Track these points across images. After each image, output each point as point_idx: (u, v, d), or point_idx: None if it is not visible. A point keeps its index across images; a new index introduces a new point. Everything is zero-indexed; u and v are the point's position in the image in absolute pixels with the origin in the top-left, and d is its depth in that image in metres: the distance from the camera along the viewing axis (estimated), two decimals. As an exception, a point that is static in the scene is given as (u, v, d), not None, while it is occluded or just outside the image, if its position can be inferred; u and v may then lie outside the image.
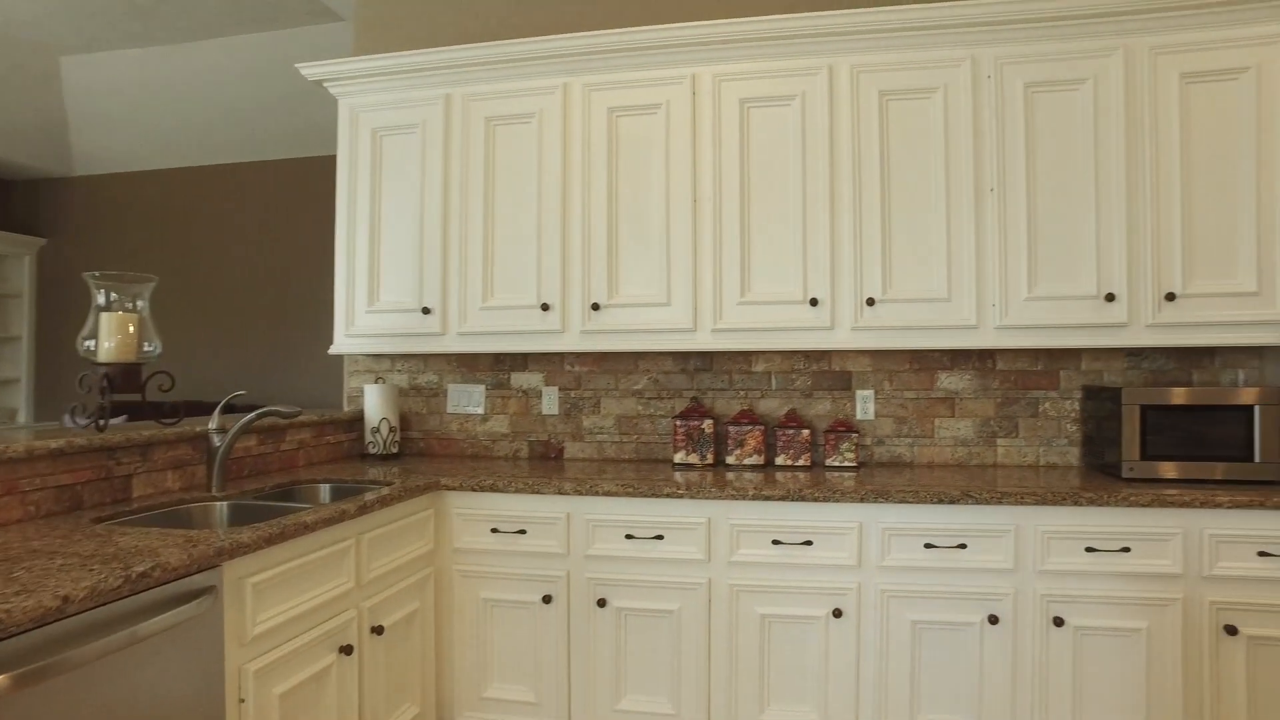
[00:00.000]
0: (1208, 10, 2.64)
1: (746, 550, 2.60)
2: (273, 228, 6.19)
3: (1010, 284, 2.77)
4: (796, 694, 2.56)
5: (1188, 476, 2.61)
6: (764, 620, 2.58)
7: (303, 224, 6.12)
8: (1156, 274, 2.69)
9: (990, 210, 2.77)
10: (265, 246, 6.20)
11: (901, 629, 2.52)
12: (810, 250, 2.87)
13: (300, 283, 6.10)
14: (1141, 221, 2.70)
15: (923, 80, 2.81)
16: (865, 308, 2.84)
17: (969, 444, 3.10)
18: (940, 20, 2.75)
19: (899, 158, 2.83)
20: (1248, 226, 2.65)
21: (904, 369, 3.15)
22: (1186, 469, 2.61)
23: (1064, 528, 2.45)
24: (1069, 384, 3.05)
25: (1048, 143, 2.75)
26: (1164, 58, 2.69)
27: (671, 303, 2.95)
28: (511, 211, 3.06)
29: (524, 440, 3.38)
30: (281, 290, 6.15)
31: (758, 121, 2.91)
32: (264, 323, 6.18)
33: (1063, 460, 3.05)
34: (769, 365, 3.22)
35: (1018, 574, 2.47)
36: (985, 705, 2.47)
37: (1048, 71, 2.74)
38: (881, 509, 2.54)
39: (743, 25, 2.85)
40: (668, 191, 2.95)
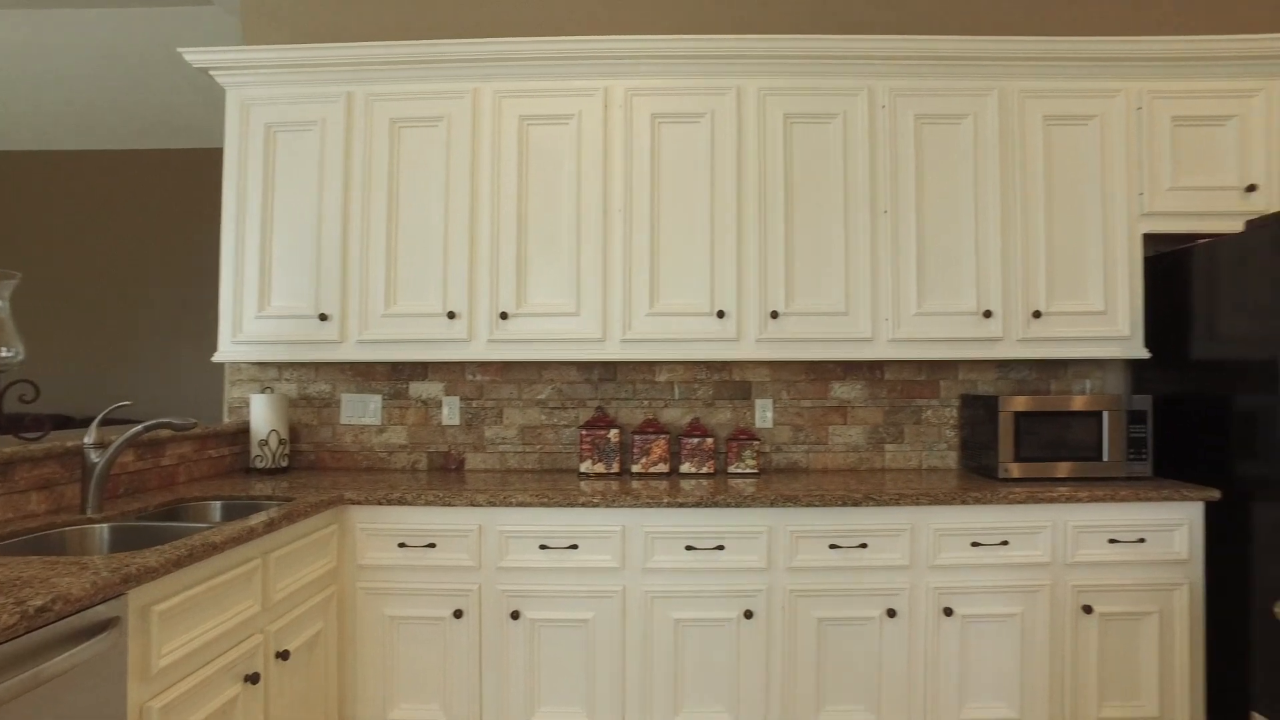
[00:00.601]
0: (1063, 63, 2.95)
1: (660, 557, 2.65)
2: (141, 223, 5.68)
3: (902, 300, 2.97)
4: (709, 695, 2.64)
5: (1052, 475, 2.89)
6: (677, 625, 2.64)
7: (178, 220, 5.66)
8: (1025, 294, 2.98)
9: (884, 230, 2.97)
10: (129, 243, 5.68)
11: (808, 627, 2.65)
12: (718, 263, 2.97)
13: (171, 284, 5.64)
14: (1013, 246, 2.97)
15: (825, 106, 2.97)
16: (770, 320, 2.97)
17: (860, 450, 3.30)
18: (841, 51, 2.92)
19: (802, 177, 2.98)
20: (1096, 254, 2.98)
21: (800, 379, 3.31)
22: (1050, 469, 2.90)
23: (953, 525, 2.66)
24: (948, 393, 3.31)
25: (935, 170, 2.98)
26: (1031, 101, 2.99)
27: (581, 313, 2.96)
28: (417, 216, 2.98)
29: (423, 452, 3.28)
30: (147, 292, 5.66)
31: (668, 137, 2.98)
32: (138, 328, 5.66)
33: (943, 463, 3.30)
34: (672, 375, 3.30)
35: (913, 570, 2.66)
36: (884, 693, 2.64)
37: (935, 105, 2.98)
38: (790, 513, 2.66)
39: (656, 42, 2.91)
40: (579, 202, 2.97)
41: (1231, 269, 2.75)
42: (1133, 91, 2.99)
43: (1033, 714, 2.65)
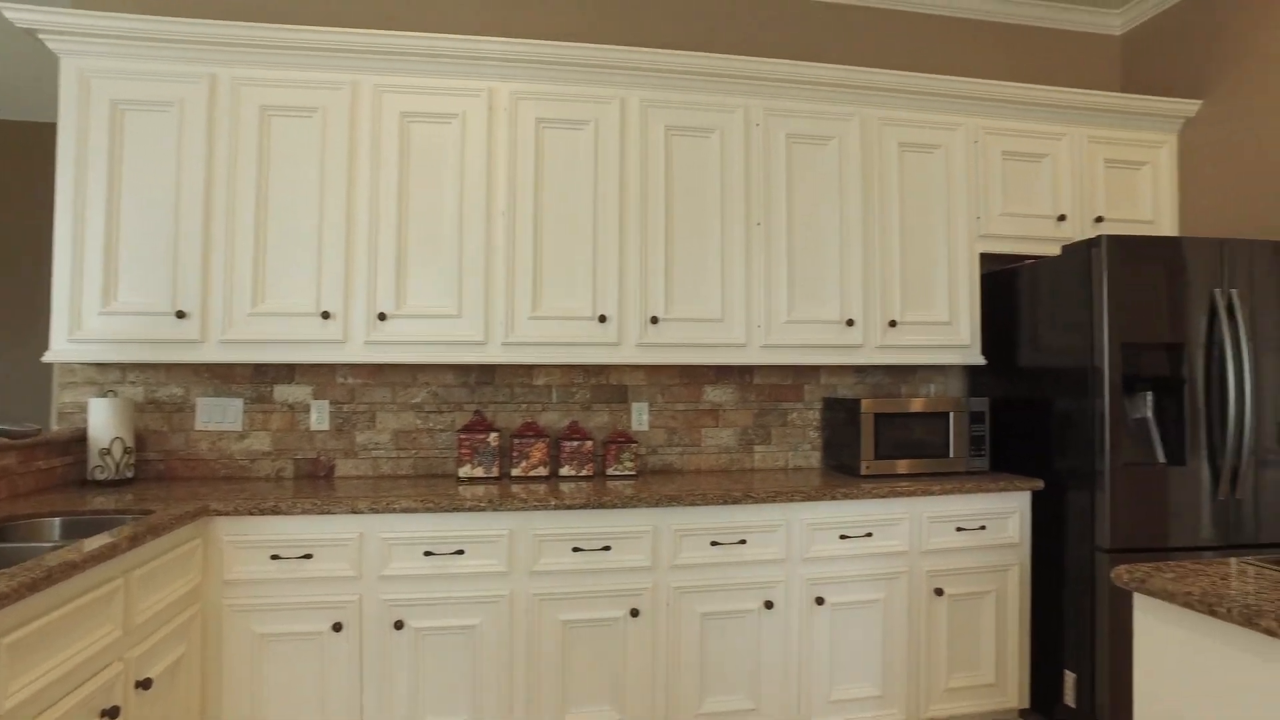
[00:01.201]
0: (915, 96, 3.24)
1: (548, 559, 2.65)
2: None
3: (773, 308, 3.15)
4: (596, 694, 2.67)
5: (907, 472, 3.16)
6: (565, 626, 2.65)
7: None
8: (883, 304, 3.24)
9: (758, 242, 3.14)
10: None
11: (692, 622, 2.74)
12: (600, 269, 3.01)
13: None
14: (873, 260, 3.23)
15: (704, 121, 3.10)
16: (650, 325, 3.05)
17: (731, 451, 3.45)
18: (720, 70, 3.06)
19: (682, 188, 3.09)
20: (942, 269, 3.30)
21: (675, 383, 3.41)
22: (905, 465, 3.16)
23: (824, 520, 2.85)
24: (811, 396, 3.53)
25: (804, 187, 3.18)
26: (888, 128, 3.26)
27: (463, 315, 2.91)
28: (289, 210, 2.81)
29: (289, 459, 3.09)
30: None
31: (553, 142, 3.00)
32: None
33: (807, 463, 3.52)
34: (550, 378, 3.31)
35: (788, 563, 2.82)
36: (762, 681, 2.78)
37: (805, 126, 3.18)
38: (673, 512, 2.74)
39: (543, 47, 2.92)
40: (462, 203, 2.92)
41: (1050, 288, 3.13)
42: (971, 126, 3.33)
43: (893, 691, 2.89)
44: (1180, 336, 2.90)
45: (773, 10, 3.60)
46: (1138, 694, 1.61)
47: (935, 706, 2.93)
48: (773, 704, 2.78)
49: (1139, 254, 2.88)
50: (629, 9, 3.46)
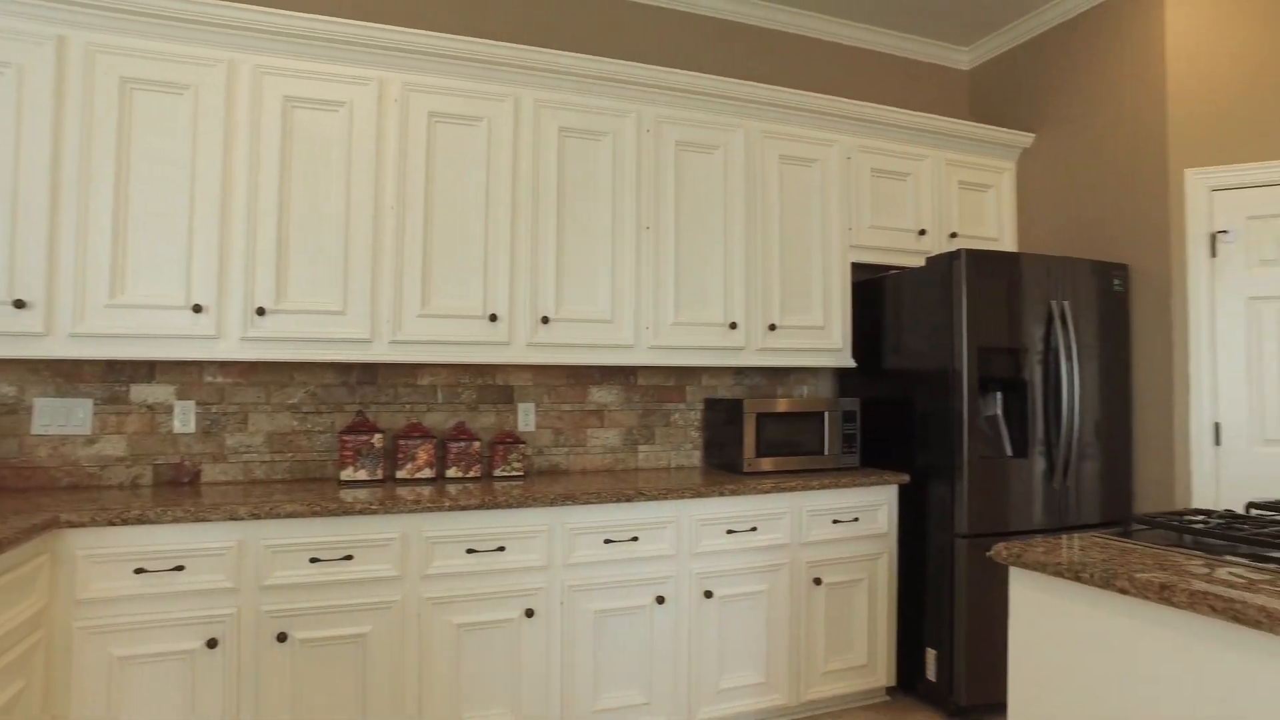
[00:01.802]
0: (794, 112, 3.42)
1: (441, 562, 2.59)
2: None
3: (661, 310, 3.22)
4: (491, 698, 2.62)
5: (786, 468, 3.32)
6: (459, 629, 2.60)
7: None
8: (764, 308, 3.38)
9: (647, 245, 3.20)
10: None
11: (585, 620, 2.75)
12: (491, 268, 2.97)
13: None
14: (755, 265, 3.37)
15: (596, 124, 3.13)
16: (541, 325, 3.04)
17: (616, 451, 3.49)
18: (613, 75, 3.10)
19: (574, 189, 3.10)
20: (818, 276, 3.49)
21: (561, 383, 3.41)
22: (785, 462, 3.32)
23: (712, 516, 2.94)
24: (693, 397, 3.63)
25: (691, 193, 3.28)
26: (770, 141, 3.42)
27: (348, 312, 2.79)
28: (155, 193, 2.59)
29: (147, 465, 2.84)
30: None
31: (445, 137, 2.93)
32: None
33: (689, 462, 3.61)
34: (435, 378, 3.22)
35: (678, 559, 2.89)
36: (655, 675, 2.83)
37: (694, 135, 3.28)
38: (567, 511, 2.75)
39: (436, 40, 2.86)
40: (349, 195, 2.80)
41: (914, 296, 3.39)
42: (845, 144, 3.56)
43: (776, 677, 3.02)
44: (1023, 342, 3.22)
45: (666, 23, 3.69)
46: (1012, 653, 1.78)
47: (814, 689, 3.09)
48: (665, 696, 2.84)
49: (990, 267, 3.17)
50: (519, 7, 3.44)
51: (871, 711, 3.20)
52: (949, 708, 3.14)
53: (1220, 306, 3.27)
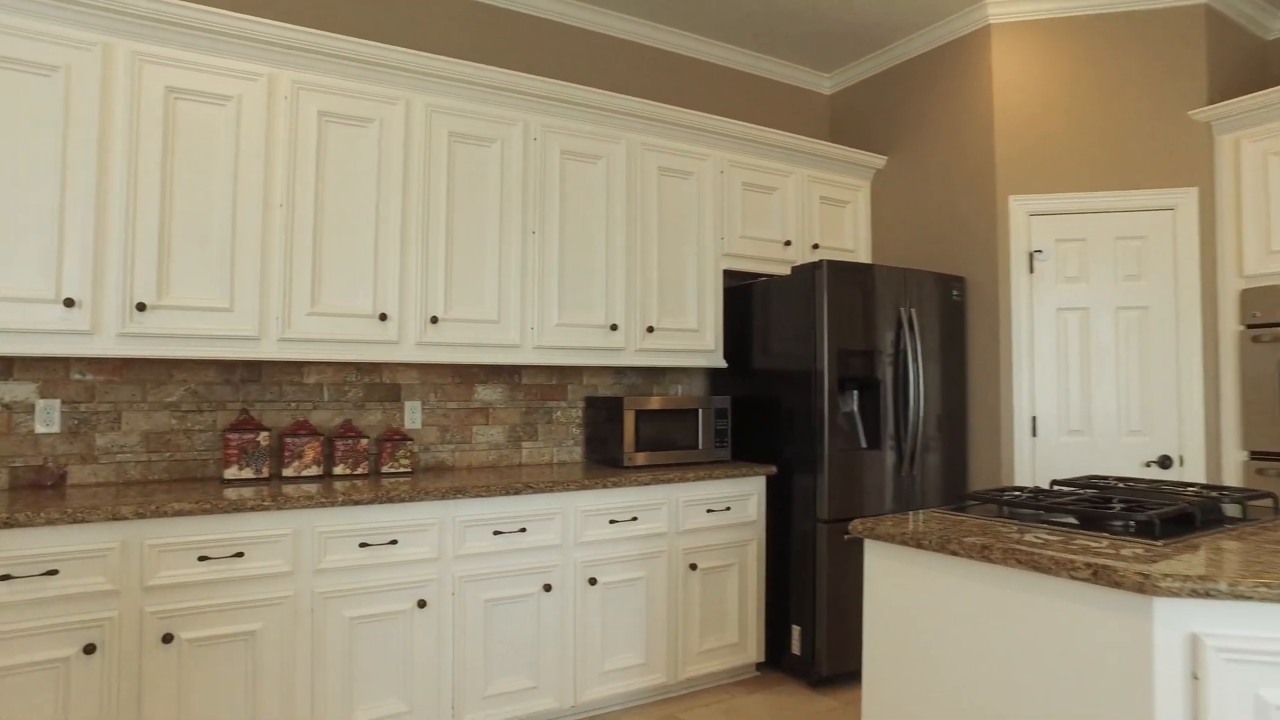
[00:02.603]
0: (670, 126, 3.65)
1: (334, 557, 2.62)
2: None
3: (545, 312, 3.36)
4: (384, 689, 2.68)
5: (663, 462, 3.53)
6: (351, 623, 2.64)
7: None
8: (642, 311, 3.59)
9: (533, 249, 3.33)
10: None
11: (476, 609, 2.86)
12: (382, 267, 3.02)
13: None
14: (634, 270, 3.57)
15: (485, 130, 3.23)
16: (430, 325, 3.11)
17: (501, 447, 3.59)
18: (502, 84, 3.22)
19: (463, 193, 3.19)
20: (693, 282, 3.73)
21: (448, 382, 3.49)
22: (662, 456, 3.53)
23: (595, 507, 3.11)
24: (575, 396, 3.78)
25: (576, 199, 3.43)
26: (650, 153, 3.63)
27: (235, 309, 2.77)
28: (20, 179, 2.48)
29: (4, 466, 2.70)
30: None
31: (336, 137, 2.95)
32: None
33: (571, 458, 3.76)
34: (321, 377, 3.22)
35: (565, 548, 3.04)
36: (543, 659, 2.97)
37: (579, 145, 3.44)
38: (459, 504, 2.84)
39: (327, 39, 2.88)
40: (236, 191, 2.78)
41: (780, 302, 3.68)
42: (718, 158, 3.82)
43: (656, 657, 3.22)
44: (876, 345, 3.57)
45: (553, 36, 3.82)
46: (867, 614, 2.04)
47: (691, 668, 3.31)
48: (552, 680, 2.98)
49: (848, 277, 3.51)
50: (417, 13, 3.48)
51: (743, 686, 3.46)
52: (812, 678, 3.45)
53: (1036, 316, 3.75)
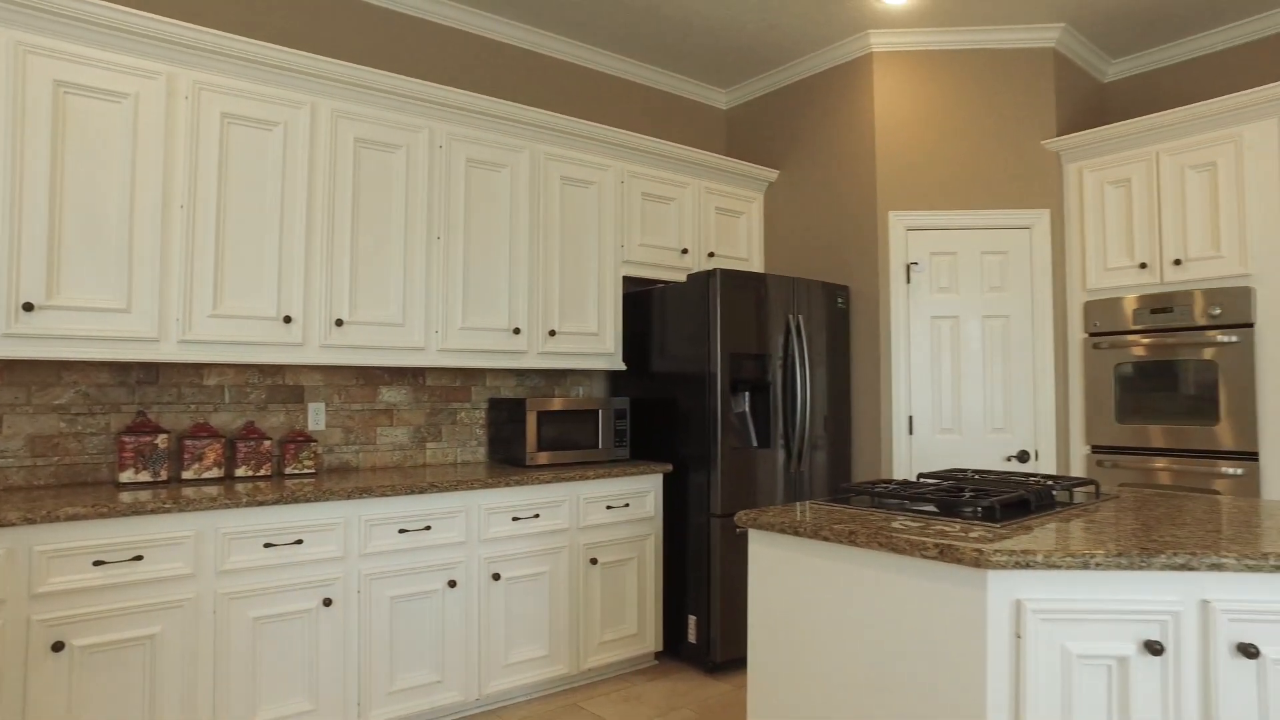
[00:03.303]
0: (580, 139, 3.79)
1: (238, 557, 2.64)
2: None
3: (450, 315, 3.43)
4: (289, 688, 2.71)
5: (565, 461, 3.66)
6: (256, 623, 2.66)
7: None
8: (544, 316, 3.71)
9: (438, 254, 3.40)
10: None
11: (382, 606, 2.92)
12: (286, 270, 3.04)
13: None
14: (537, 275, 3.68)
15: (392, 137, 3.29)
16: (335, 328, 3.15)
17: (405, 448, 3.64)
18: (410, 92, 3.28)
19: (369, 197, 3.24)
20: (593, 287, 3.88)
21: (352, 384, 3.51)
22: (563, 456, 3.66)
23: (498, 505, 3.21)
24: (478, 397, 3.87)
25: (480, 206, 3.53)
26: (553, 163, 3.75)
27: (133, 310, 2.74)
28: (-96, 178, 2.40)
29: (-121, 471, 2.59)
30: None
31: (240, 139, 2.95)
32: None
33: (475, 457, 3.84)
34: (223, 378, 3.20)
35: (469, 545, 3.13)
36: (447, 654, 3.05)
37: (483, 153, 3.53)
38: (364, 504, 2.89)
39: (230, 41, 2.88)
40: (134, 191, 2.75)
41: (676, 308, 3.87)
42: (619, 169, 3.98)
43: (558, 649, 3.34)
44: (766, 349, 3.81)
45: (458, 45, 3.89)
46: (751, 597, 2.23)
47: (592, 658, 3.45)
48: (458, 673, 3.07)
49: (741, 284, 3.73)
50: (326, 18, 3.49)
51: (642, 675, 3.62)
52: (708, 665, 3.64)
53: (913, 323, 4.07)
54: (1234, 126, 3.51)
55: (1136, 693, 1.62)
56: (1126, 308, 3.82)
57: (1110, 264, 3.90)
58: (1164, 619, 1.63)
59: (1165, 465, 3.69)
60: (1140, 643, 1.63)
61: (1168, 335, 3.70)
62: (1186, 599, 1.63)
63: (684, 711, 3.22)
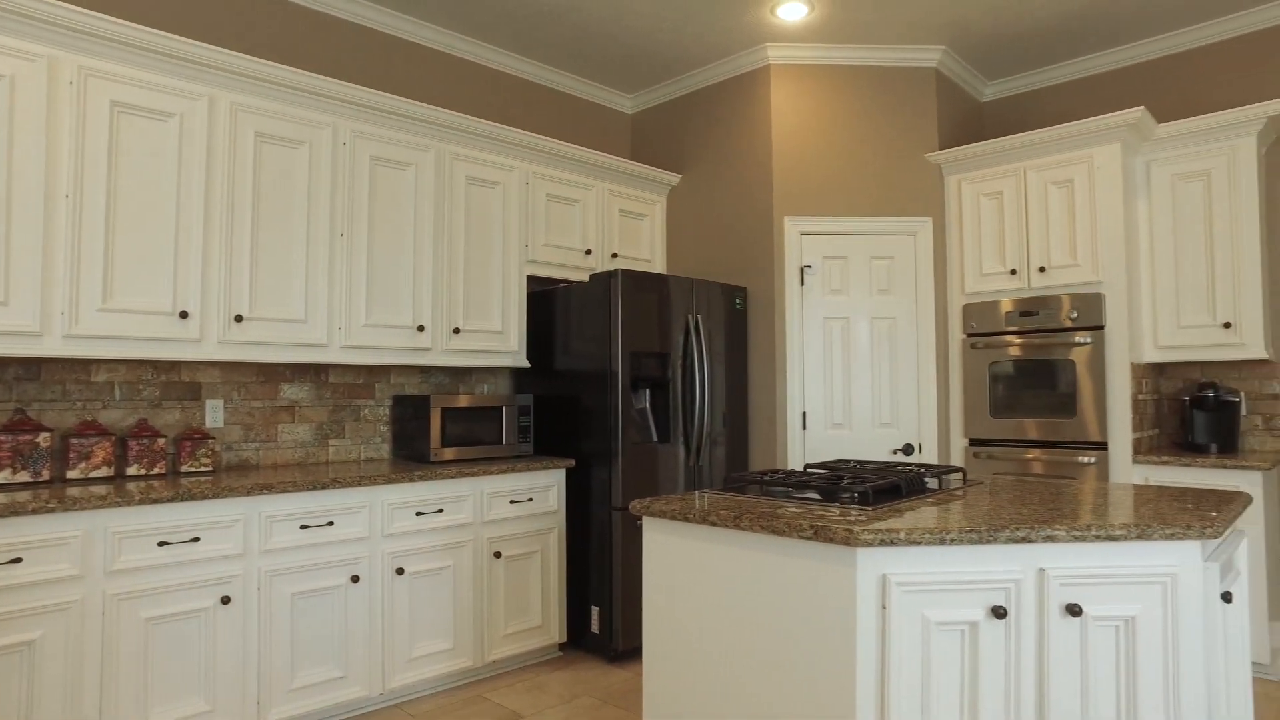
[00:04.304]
0: (480, 138, 3.84)
1: (130, 557, 2.59)
2: None
3: (353, 312, 3.43)
4: (184, 689, 2.67)
5: (469, 457, 3.70)
6: (149, 623, 2.61)
7: None
8: (449, 314, 3.74)
9: (341, 251, 3.40)
10: None
11: (283, 602, 2.90)
12: (182, 264, 2.98)
13: None
14: (441, 273, 3.72)
15: (294, 133, 3.26)
16: (234, 323, 3.10)
17: (307, 445, 3.61)
18: (312, 88, 3.26)
19: (270, 192, 3.20)
20: (498, 286, 3.93)
21: (252, 380, 3.46)
22: (467, 451, 3.70)
23: (402, 500, 3.24)
24: (382, 394, 3.86)
25: (385, 204, 3.53)
26: (459, 163, 3.79)
27: (10, 303, 2.64)
28: None
29: None
30: None
31: (133, 129, 2.88)
32: None
33: (378, 454, 3.84)
34: (113, 375, 3.11)
35: (372, 540, 3.14)
36: (350, 649, 3.06)
37: (388, 152, 3.54)
38: (264, 500, 2.88)
39: (120, 27, 2.80)
40: (10, 180, 2.64)
41: (580, 307, 3.97)
42: (524, 170, 4.04)
43: (463, 642, 3.39)
44: (667, 348, 3.95)
45: (372, 44, 3.87)
46: (646, 580, 2.35)
47: (497, 650, 3.51)
48: (361, 668, 3.08)
49: (642, 285, 3.85)
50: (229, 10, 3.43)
51: (546, 665, 3.70)
52: (610, 654, 3.75)
53: (806, 323, 4.29)
54: (1087, 148, 3.86)
55: (984, 652, 1.81)
56: (1000, 310, 4.13)
57: (985, 270, 4.21)
58: (1008, 586, 1.82)
59: (1035, 456, 4.01)
60: (988, 608, 1.82)
61: (1035, 336, 4.02)
62: (1027, 568, 1.83)
63: (587, 699, 3.32)
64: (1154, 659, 1.83)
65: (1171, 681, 1.83)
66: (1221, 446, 3.85)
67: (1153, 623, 1.83)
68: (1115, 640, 1.84)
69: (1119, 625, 1.84)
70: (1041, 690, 1.83)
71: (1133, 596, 1.84)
